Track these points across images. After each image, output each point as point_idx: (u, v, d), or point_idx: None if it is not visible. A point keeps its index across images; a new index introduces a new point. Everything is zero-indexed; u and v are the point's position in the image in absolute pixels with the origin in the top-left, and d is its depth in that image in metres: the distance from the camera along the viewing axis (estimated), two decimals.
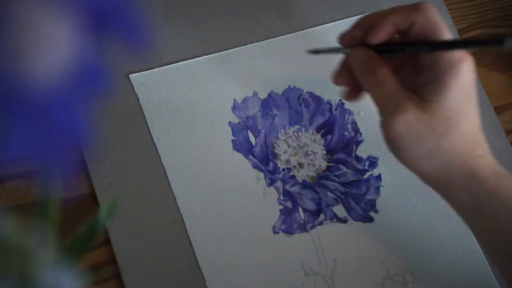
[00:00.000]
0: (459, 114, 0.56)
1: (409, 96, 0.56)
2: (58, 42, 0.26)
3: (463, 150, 0.57)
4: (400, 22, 0.57)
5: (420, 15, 0.57)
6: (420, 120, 0.56)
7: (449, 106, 0.56)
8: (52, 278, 0.33)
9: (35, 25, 0.26)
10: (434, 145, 0.56)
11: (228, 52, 0.69)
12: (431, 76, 0.56)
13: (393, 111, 0.56)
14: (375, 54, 0.58)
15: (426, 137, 0.56)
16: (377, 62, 0.58)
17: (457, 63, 0.55)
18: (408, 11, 0.57)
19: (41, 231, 0.33)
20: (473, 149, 0.57)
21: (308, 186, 0.65)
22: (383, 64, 0.57)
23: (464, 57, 0.56)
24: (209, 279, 0.60)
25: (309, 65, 0.69)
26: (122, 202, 0.61)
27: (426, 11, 0.57)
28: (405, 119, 0.56)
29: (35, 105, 0.27)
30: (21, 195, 0.60)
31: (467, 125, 0.56)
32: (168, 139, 0.64)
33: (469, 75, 0.56)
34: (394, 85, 0.57)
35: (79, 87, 0.28)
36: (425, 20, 0.56)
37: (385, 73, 0.57)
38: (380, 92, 0.57)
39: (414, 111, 0.56)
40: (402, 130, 0.56)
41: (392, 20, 0.57)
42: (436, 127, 0.56)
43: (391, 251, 0.64)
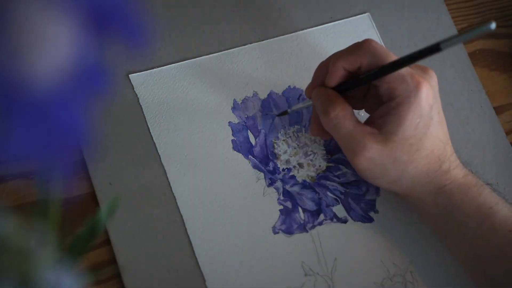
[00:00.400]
0: (421, 137, 0.58)
1: (368, 132, 0.58)
2: (58, 42, 0.26)
3: (428, 170, 0.59)
4: (348, 67, 0.59)
5: (363, 56, 0.58)
6: (383, 154, 0.58)
7: (409, 134, 0.57)
8: (52, 278, 0.33)
9: (35, 25, 0.26)
10: (400, 172, 0.59)
11: (228, 52, 0.69)
12: (389, 107, 0.58)
13: (354, 151, 0.59)
14: (332, 91, 0.60)
15: (391, 167, 0.59)
16: (332, 101, 0.59)
17: (412, 91, 0.57)
18: (351, 55, 0.59)
19: (41, 231, 0.33)
20: (439, 166, 0.59)
21: (308, 186, 0.65)
22: (339, 103, 0.59)
23: (420, 82, 0.57)
24: (209, 279, 0.60)
25: (309, 65, 0.69)
26: (122, 202, 0.61)
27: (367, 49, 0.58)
28: (367, 157, 0.58)
29: (35, 105, 0.27)
30: (21, 195, 0.60)
31: (429, 146, 0.58)
32: (168, 139, 0.64)
33: (427, 98, 0.57)
34: (351, 124, 0.59)
35: (79, 87, 0.28)
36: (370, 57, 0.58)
37: (339, 113, 0.59)
38: (337, 133, 0.60)
39: (375, 148, 0.58)
40: (367, 166, 0.59)
41: (340, 66, 0.59)
42: (400, 156, 0.58)
43: (391, 251, 0.64)
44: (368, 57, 0.58)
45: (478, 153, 0.69)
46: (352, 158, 0.59)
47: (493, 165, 0.69)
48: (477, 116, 0.71)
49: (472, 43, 0.75)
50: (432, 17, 0.74)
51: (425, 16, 0.74)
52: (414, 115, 0.57)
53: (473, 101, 0.71)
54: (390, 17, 0.73)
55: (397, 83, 0.57)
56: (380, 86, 0.58)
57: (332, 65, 0.60)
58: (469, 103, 0.71)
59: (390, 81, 0.57)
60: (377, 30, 0.72)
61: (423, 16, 0.74)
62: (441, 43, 0.53)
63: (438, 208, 0.60)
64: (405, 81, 0.57)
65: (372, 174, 0.59)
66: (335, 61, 0.60)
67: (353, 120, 0.59)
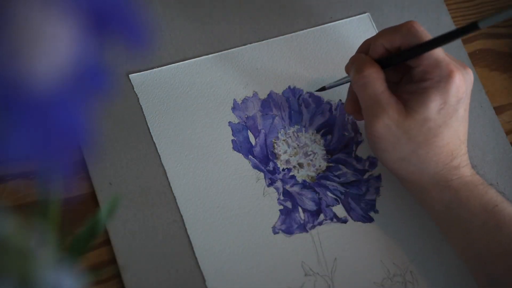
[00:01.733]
0: (441, 125, 0.58)
1: (393, 101, 0.59)
2: (58, 42, 0.27)
3: (438, 160, 0.59)
4: (387, 45, 0.60)
5: (402, 36, 0.59)
6: (400, 126, 0.58)
7: (430, 117, 0.58)
8: (52, 278, 0.33)
9: (35, 25, 0.26)
10: (410, 151, 0.59)
11: (228, 52, 0.69)
12: (419, 87, 0.58)
13: (375, 114, 0.59)
14: (368, 56, 0.60)
15: (404, 143, 0.58)
16: (367, 63, 0.59)
17: (444, 77, 0.57)
18: (392, 34, 0.60)
19: (41, 231, 0.33)
20: (450, 160, 0.59)
21: (308, 186, 0.65)
22: (374, 65, 0.59)
23: (454, 71, 0.58)
24: (209, 279, 0.60)
25: (309, 65, 0.69)
26: (122, 202, 0.61)
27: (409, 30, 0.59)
28: (385, 124, 0.58)
29: (35, 105, 0.27)
30: (21, 195, 0.60)
31: (447, 137, 0.58)
32: (168, 139, 0.64)
33: (457, 89, 0.58)
34: (380, 88, 0.59)
35: (79, 87, 0.28)
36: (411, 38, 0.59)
37: (372, 74, 0.59)
38: (365, 93, 0.60)
39: (395, 118, 0.58)
40: (381, 133, 0.59)
41: (380, 43, 0.60)
42: (415, 135, 0.58)
43: (391, 251, 0.64)
44: (409, 38, 0.58)
45: (478, 153, 0.69)
46: (371, 121, 0.59)
47: (493, 165, 0.69)
48: (477, 116, 0.71)
49: (472, 43, 0.75)
50: (432, 17, 0.74)
51: (425, 16, 0.74)
52: (439, 99, 0.58)
53: (473, 101, 0.71)
54: (390, 17, 0.73)
55: (431, 67, 0.58)
56: (415, 67, 0.59)
57: (373, 42, 0.61)
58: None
59: (425, 64, 0.58)
60: (377, 30, 0.72)
61: (423, 16, 0.74)
62: (479, 22, 0.54)
63: (443, 204, 0.60)
64: (439, 66, 0.58)
65: (384, 144, 0.59)
66: (377, 37, 0.60)
67: (383, 85, 0.60)
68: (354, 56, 0.63)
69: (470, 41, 0.75)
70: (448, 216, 0.60)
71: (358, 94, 0.61)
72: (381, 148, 0.60)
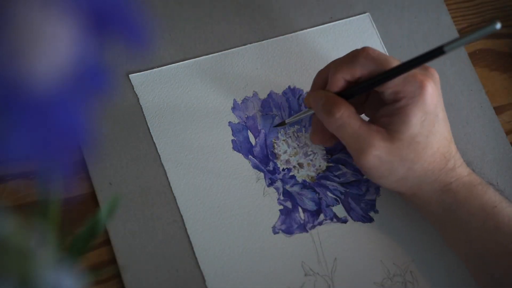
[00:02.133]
0: (427, 135, 0.58)
1: (374, 131, 0.58)
2: (58, 42, 0.27)
3: (434, 168, 0.59)
4: (348, 78, 0.59)
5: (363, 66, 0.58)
6: (390, 152, 0.58)
7: (415, 132, 0.58)
8: (52, 278, 0.33)
9: (35, 25, 0.26)
10: (406, 170, 0.59)
11: (228, 52, 0.69)
12: (394, 108, 0.58)
13: (361, 149, 0.59)
14: (332, 93, 0.60)
15: (398, 165, 0.59)
16: (336, 102, 0.59)
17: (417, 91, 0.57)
18: (351, 66, 0.59)
19: (41, 231, 0.33)
20: (445, 164, 0.59)
21: (308, 186, 0.65)
22: (342, 103, 0.59)
23: (424, 81, 0.57)
24: (209, 279, 0.60)
25: (309, 65, 0.69)
26: (122, 202, 0.61)
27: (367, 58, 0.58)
28: (375, 155, 0.58)
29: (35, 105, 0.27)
30: (21, 195, 0.60)
31: (436, 143, 0.59)
32: (168, 139, 0.64)
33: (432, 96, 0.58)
34: (356, 123, 0.59)
35: (79, 87, 0.28)
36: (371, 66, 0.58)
37: (344, 113, 0.59)
38: (343, 132, 0.59)
39: (382, 146, 0.58)
40: (373, 164, 0.59)
41: (339, 77, 0.59)
42: (406, 155, 0.58)
43: (391, 251, 0.64)
44: (369, 66, 0.58)
45: (478, 153, 0.69)
46: (359, 156, 0.59)
47: (493, 165, 0.69)
48: (477, 116, 0.71)
49: (472, 43, 0.75)
50: (432, 17, 0.74)
51: (425, 16, 0.74)
52: (419, 113, 0.57)
53: (473, 101, 0.71)
54: (390, 17, 0.73)
55: (400, 86, 0.57)
56: (383, 91, 0.58)
57: (332, 76, 0.60)
58: (469, 103, 0.71)
59: (393, 85, 0.57)
60: (377, 30, 0.72)
61: (423, 16, 0.74)
62: (444, 46, 0.53)
63: (443, 207, 0.60)
64: (408, 82, 0.57)
65: (378, 173, 0.59)
66: (335, 72, 0.60)
67: (359, 119, 0.59)
68: (315, 93, 0.61)
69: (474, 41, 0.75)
70: (448, 219, 0.60)
71: (336, 134, 0.60)
72: (377, 176, 0.60)
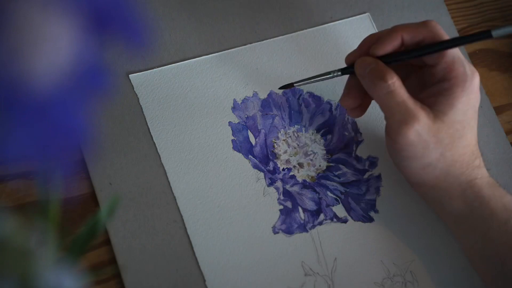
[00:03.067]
0: (465, 126, 0.58)
1: (420, 106, 0.58)
2: (58, 42, 0.27)
3: (463, 160, 0.59)
4: (408, 38, 0.59)
5: (427, 32, 0.59)
6: (430, 130, 0.57)
7: (458, 118, 0.58)
8: (52, 278, 0.33)
9: (35, 25, 0.26)
10: (438, 155, 0.58)
11: (228, 52, 0.69)
12: (443, 88, 0.58)
13: (404, 120, 0.58)
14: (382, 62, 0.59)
15: (432, 148, 0.58)
16: (388, 70, 0.58)
17: (469, 77, 0.58)
18: (416, 28, 0.59)
19: (41, 231, 0.33)
20: (473, 160, 0.60)
21: (308, 186, 0.65)
22: (394, 73, 0.58)
23: (475, 72, 0.59)
24: (209, 279, 0.60)
25: (309, 65, 0.69)
26: (122, 202, 0.61)
27: (432, 28, 0.59)
28: (416, 129, 0.57)
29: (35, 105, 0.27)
30: (21, 195, 0.60)
31: (469, 137, 0.59)
32: (168, 139, 0.64)
33: (477, 89, 0.59)
34: (405, 94, 0.58)
35: (79, 87, 0.28)
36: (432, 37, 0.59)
37: (396, 82, 0.58)
38: (390, 100, 0.58)
39: (425, 122, 0.57)
40: (412, 140, 0.58)
41: (400, 34, 0.59)
42: (443, 138, 0.58)
43: (391, 251, 0.64)
44: (432, 35, 0.58)
45: None
46: (400, 128, 0.58)
47: (493, 165, 0.69)
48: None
49: (472, 43, 0.75)
50: (432, 17, 0.74)
51: (425, 16, 0.74)
52: (466, 101, 0.58)
53: None
54: (390, 17, 0.73)
55: (456, 65, 0.58)
56: (437, 65, 0.58)
57: (391, 32, 0.59)
58: None
59: (446, 61, 0.58)
60: (377, 30, 0.72)
61: (423, 16, 0.74)
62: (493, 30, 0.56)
63: (464, 203, 0.60)
64: (462, 65, 0.58)
65: (413, 151, 0.58)
66: (397, 29, 0.59)
67: (406, 91, 0.59)
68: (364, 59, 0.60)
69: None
70: (469, 215, 0.60)
71: (381, 103, 0.59)
72: (409, 156, 0.59)
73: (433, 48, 0.58)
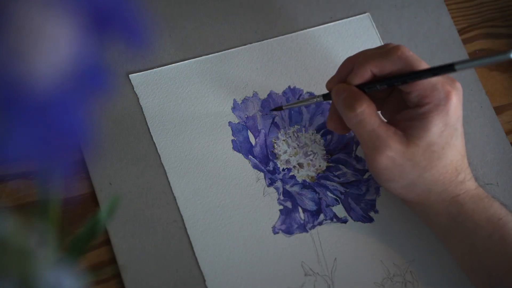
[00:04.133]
0: (444, 146, 0.58)
1: (392, 132, 0.58)
2: (58, 42, 0.26)
3: (445, 178, 0.59)
4: (376, 71, 0.59)
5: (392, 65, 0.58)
6: (404, 155, 0.58)
7: (433, 141, 0.58)
8: (52, 278, 0.33)
9: (35, 25, 0.26)
10: (416, 176, 0.59)
11: (228, 52, 0.69)
12: (417, 113, 0.58)
13: (375, 148, 0.59)
14: (356, 89, 0.59)
15: (409, 170, 0.59)
16: (358, 98, 0.59)
17: (443, 100, 0.57)
18: (382, 60, 0.58)
19: (41, 231, 0.33)
20: (455, 176, 0.60)
21: (308, 186, 0.65)
22: (364, 99, 0.59)
23: (450, 92, 0.58)
24: (209, 279, 0.60)
25: (309, 65, 0.69)
26: (122, 202, 0.61)
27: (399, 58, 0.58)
28: (388, 156, 0.58)
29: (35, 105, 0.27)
30: (21, 195, 0.60)
31: (450, 156, 0.59)
32: (168, 139, 0.64)
33: (456, 109, 0.58)
34: (376, 122, 0.59)
35: (79, 87, 0.28)
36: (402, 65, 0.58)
37: (365, 110, 0.59)
38: (361, 129, 0.59)
39: (398, 148, 0.58)
40: (386, 165, 0.59)
41: (367, 69, 0.59)
42: (419, 161, 0.58)
43: (391, 251, 0.64)
44: (400, 65, 0.58)
45: (478, 153, 0.69)
46: (373, 155, 0.59)
47: (493, 165, 0.69)
48: (477, 116, 0.71)
49: (472, 43, 0.75)
50: (432, 17, 0.74)
51: (425, 16, 0.74)
52: (440, 123, 0.57)
53: (473, 101, 0.71)
54: (390, 17, 0.73)
55: (428, 91, 0.57)
56: (410, 92, 0.58)
57: (360, 66, 0.59)
58: (469, 103, 0.71)
59: (420, 88, 0.57)
60: (377, 30, 0.72)
61: (423, 16, 0.74)
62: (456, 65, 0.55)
63: (449, 218, 0.60)
64: (436, 89, 0.57)
65: (389, 175, 0.59)
66: (364, 62, 0.59)
67: (378, 118, 0.59)
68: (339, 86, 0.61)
69: (470, 41, 0.75)
70: (455, 230, 0.60)
71: (354, 130, 0.60)
72: (387, 179, 0.60)
73: (399, 79, 0.58)
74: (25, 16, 0.26)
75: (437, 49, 0.72)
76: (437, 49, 0.73)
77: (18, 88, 0.26)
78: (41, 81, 0.26)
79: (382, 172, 0.59)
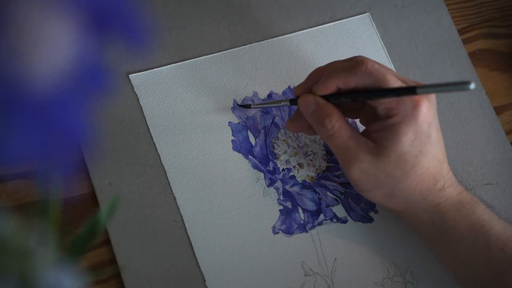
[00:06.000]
0: (417, 155, 0.58)
1: (363, 144, 0.58)
2: (59, 42, 0.27)
3: (422, 187, 0.59)
4: (341, 85, 0.59)
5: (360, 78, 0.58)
6: (376, 166, 0.58)
7: (404, 150, 0.57)
8: (52, 278, 0.33)
9: (35, 25, 0.26)
10: (393, 186, 0.59)
11: (228, 52, 0.69)
12: (387, 124, 0.58)
13: (347, 160, 0.59)
14: (324, 101, 0.59)
15: (384, 180, 0.58)
16: (327, 113, 0.59)
17: (410, 110, 0.57)
18: (348, 75, 0.58)
19: (41, 231, 0.33)
20: (433, 184, 0.59)
21: (308, 186, 0.65)
22: (334, 113, 0.59)
23: (419, 101, 0.57)
24: (209, 279, 0.60)
25: (309, 65, 0.69)
26: (122, 202, 0.61)
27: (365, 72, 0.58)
28: (360, 167, 0.58)
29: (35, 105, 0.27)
30: (21, 195, 0.60)
31: (425, 164, 0.58)
32: (168, 139, 0.64)
33: (426, 116, 0.57)
34: (346, 135, 0.59)
35: (79, 87, 0.28)
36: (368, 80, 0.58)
37: (335, 124, 0.59)
38: (331, 143, 0.59)
39: (368, 160, 0.58)
40: (359, 176, 0.59)
41: (333, 83, 0.59)
42: (392, 171, 0.58)
43: (391, 251, 0.64)
44: (365, 80, 0.57)
45: (478, 153, 0.69)
46: (346, 167, 0.59)
47: (493, 165, 0.69)
48: (477, 116, 0.71)
49: (472, 43, 0.75)
50: (432, 17, 0.74)
51: (425, 16, 0.74)
52: (410, 132, 0.57)
53: (473, 101, 0.71)
54: (390, 17, 0.73)
55: (394, 103, 0.57)
56: (377, 106, 0.58)
57: (325, 78, 0.59)
58: (469, 103, 0.71)
59: (387, 101, 0.57)
60: (377, 30, 0.72)
61: (423, 16, 0.74)
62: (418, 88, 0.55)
63: (433, 227, 0.60)
64: (402, 101, 0.57)
65: (365, 185, 0.59)
66: (329, 76, 0.59)
67: (348, 130, 0.59)
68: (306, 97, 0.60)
69: (470, 41, 0.75)
70: (439, 239, 0.60)
71: (326, 142, 0.60)
72: (363, 189, 0.60)
73: (363, 95, 0.58)
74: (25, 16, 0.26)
75: (437, 49, 0.72)
76: (437, 49, 0.73)
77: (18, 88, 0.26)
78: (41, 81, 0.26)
79: (358, 183, 0.60)
